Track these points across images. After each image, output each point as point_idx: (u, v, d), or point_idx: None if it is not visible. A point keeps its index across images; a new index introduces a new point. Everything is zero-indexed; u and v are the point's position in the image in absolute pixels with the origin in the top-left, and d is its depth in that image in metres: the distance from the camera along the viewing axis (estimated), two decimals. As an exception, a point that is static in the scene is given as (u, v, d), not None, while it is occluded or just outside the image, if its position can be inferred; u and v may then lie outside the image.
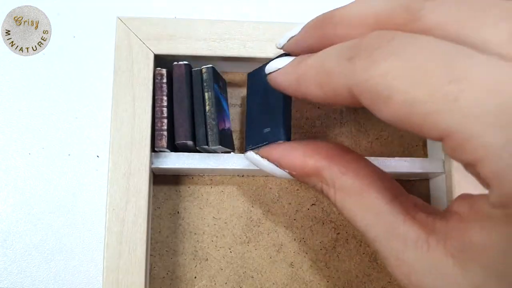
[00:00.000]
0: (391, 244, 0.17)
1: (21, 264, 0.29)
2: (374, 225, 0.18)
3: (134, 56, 0.27)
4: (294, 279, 0.30)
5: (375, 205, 0.18)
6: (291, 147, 0.22)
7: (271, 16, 0.33)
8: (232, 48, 0.28)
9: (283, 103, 0.23)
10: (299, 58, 0.19)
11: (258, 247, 0.30)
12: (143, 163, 0.26)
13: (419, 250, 0.16)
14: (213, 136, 0.27)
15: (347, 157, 0.21)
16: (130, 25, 0.27)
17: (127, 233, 0.26)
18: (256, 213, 0.30)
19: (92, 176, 0.30)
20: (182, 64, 0.28)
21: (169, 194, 0.30)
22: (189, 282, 0.29)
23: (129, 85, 0.27)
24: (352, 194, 0.19)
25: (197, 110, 0.27)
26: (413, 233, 0.17)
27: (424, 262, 0.16)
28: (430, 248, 0.16)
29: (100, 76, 0.31)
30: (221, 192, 0.31)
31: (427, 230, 0.17)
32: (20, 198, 0.30)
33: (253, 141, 0.25)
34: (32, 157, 0.30)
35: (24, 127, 0.31)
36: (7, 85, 0.31)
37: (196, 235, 0.30)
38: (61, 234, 0.30)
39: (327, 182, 0.20)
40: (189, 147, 0.28)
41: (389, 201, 0.18)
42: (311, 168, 0.21)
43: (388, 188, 0.19)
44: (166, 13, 0.33)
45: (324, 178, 0.20)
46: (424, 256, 0.16)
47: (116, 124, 0.26)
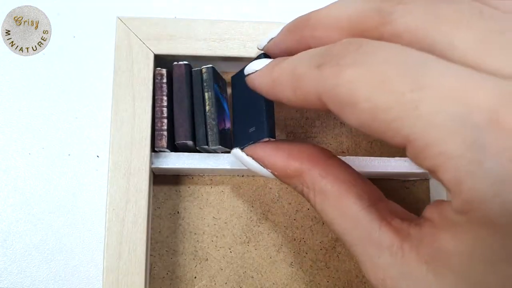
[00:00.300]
0: (367, 249, 0.18)
1: (21, 264, 0.29)
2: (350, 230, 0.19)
3: (134, 56, 0.27)
4: (294, 279, 0.30)
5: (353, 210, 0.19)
6: (276, 147, 0.22)
7: (271, 16, 0.33)
8: (232, 48, 0.28)
9: (265, 102, 0.24)
10: (275, 60, 0.20)
11: (258, 247, 0.30)
12: (143, 163, 0.26)
13: (393, 256, 0.17)
14: (213, 136, 0.27)
15: (329, 161, 0.21)
16: (130, 25, 0.27)
17: (127, 233, 0.26)
18: (256, 213, 0.30)
19: (92, 176, 0.30)
20: (182, 64, 0.28)
21: (169, 194, 0.30)
22: (189, 282, 0.29)
23: (129, 85, 0.27)
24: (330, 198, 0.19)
25: (197, 110, 0.27)
26: (388, 239, 0.17)
27: (399, 267, 0.17)
28: (405, 254, 0.16)
29: (100, 76, 0.31)
30: (221, 192, 0.31)
31: (401, 236, 0.17)
32: (20, 198, 0.30)
33: (240, 141, 0.26)
34: (32, 157, 0.30)
35: (24, 127, 0.31)
36: (7, 85, 0.31)
37: (196, 235, 0.30)
38: (61, 234, 0.30)
39: (307, 185, 0.20)
40: (189, 147, 0.28)
41: (366, 207, 0.19)
42: (293, 170, 0.21)
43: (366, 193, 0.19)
44: (166, 13, 0.33)
45: (305, 181, 0.21)
46: (398, 262, 0.17)
47: (116, 124, 0.26)
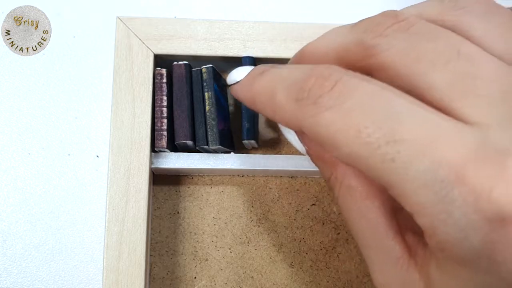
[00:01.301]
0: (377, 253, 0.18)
1: (21, 264, 0.29)
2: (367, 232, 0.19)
3: (134, 56, 0.27)
4: (294, 279, 0.30)
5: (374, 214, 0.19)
6: None
7: (271, 16, 0.33)
8: (232, 48, 0.28)
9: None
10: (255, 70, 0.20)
11: (258, 247, 0.30)
12: (143, 163, 0.26)
13: (399, 267, 0.17)
14: (213, 136, 0.27)
15: None
16: (130, 25, 0.27)
17: (127, 233, 0.26)
18: (256, 213, 0.30)
19: (92, 176, 0.30)
20: (182, 64, 0.28)
21: (169, 194, 0.30)
22: (189, 283, 0.29)
23: (129, 85, 0.27)
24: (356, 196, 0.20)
25: (197, 110, 0.27)
26: (399, 251, 0.18)
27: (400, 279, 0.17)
28: (409, 269, 0.17)
29: (100, 76, 0.31)
30: (221, 192, 0.31)
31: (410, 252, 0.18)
32: (20, 198, 0.30)
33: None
34: (32, 157, 0.30)
35: (24, 127, 0.31)
36: (7, 85, 0.31)
37: (196, 235, 0.30)
38: (61, 234, 0.30)
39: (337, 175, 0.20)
40: (189, 147, 0.28)
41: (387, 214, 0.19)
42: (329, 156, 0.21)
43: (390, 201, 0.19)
44: (166, 13, 0.33)
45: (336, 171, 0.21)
46: (401, 274, 0.17)
47: (116, 124, 0.26)
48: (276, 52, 0.28)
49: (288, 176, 0.31)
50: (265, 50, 0.28)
